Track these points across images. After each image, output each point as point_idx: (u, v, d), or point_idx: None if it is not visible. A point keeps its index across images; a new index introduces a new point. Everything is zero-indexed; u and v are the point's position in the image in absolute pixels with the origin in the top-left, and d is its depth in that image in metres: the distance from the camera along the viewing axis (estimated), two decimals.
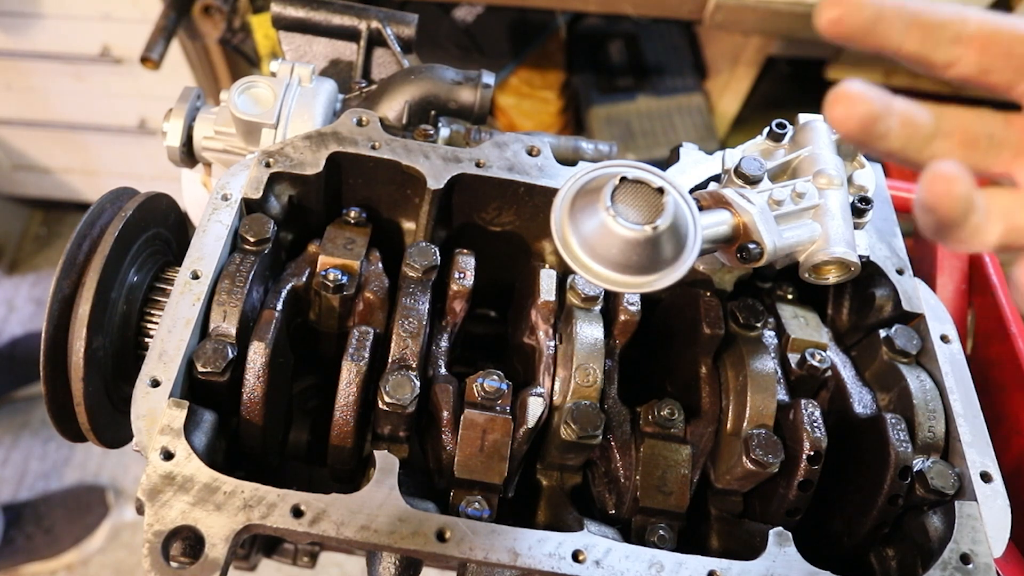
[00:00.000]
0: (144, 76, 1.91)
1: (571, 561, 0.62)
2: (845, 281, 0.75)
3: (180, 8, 1.70)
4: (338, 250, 0.80)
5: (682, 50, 2.43)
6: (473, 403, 0.72)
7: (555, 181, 0.82)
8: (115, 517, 2.30)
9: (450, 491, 0.70)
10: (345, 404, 0.71)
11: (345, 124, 0.83)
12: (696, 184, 0.80)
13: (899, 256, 0.83)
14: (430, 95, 0.94)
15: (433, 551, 0.61)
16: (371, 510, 0.62)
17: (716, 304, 0.79)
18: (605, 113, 2.29)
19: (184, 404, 0.64)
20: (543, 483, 0.77)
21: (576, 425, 0.70)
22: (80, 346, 0.70)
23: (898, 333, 0.78)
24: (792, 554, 0.65)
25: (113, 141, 2.35)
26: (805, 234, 0.72)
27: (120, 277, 0.75)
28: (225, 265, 0.73)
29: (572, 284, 0.79)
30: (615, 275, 0.59)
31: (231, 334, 0.70)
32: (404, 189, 0.85)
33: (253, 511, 0.60)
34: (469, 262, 0.82)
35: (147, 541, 0.58)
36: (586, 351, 0.74)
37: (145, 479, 0.61)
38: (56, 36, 2.01)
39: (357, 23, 1.03)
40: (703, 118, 2.30)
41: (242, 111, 0.86)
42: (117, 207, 0.77)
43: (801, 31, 1.74)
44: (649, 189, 0.60)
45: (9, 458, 2.43)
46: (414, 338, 0.73)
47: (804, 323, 0.83)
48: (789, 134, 0.79)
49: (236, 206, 0.76)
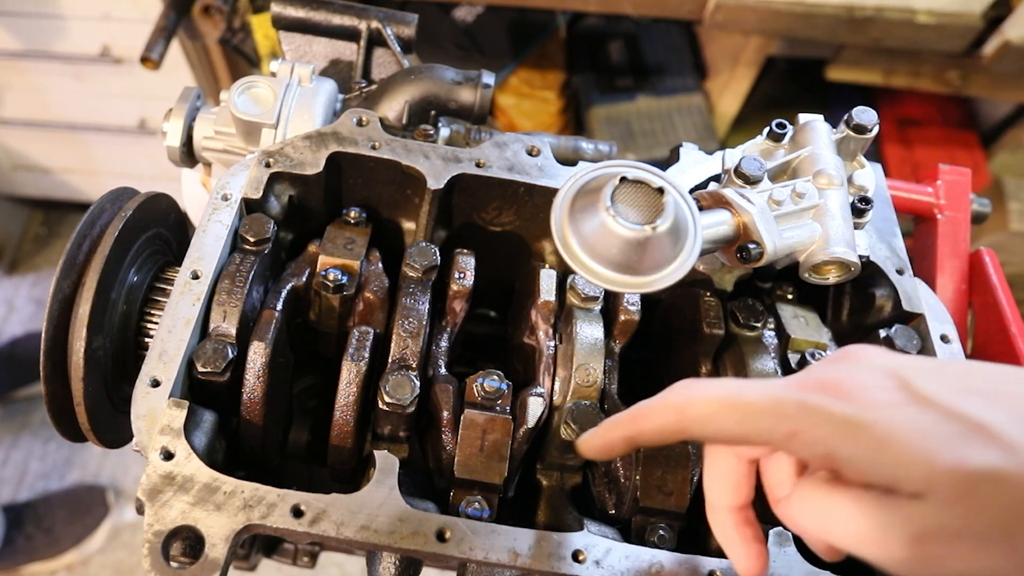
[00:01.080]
0: (144, 76, 1.91)
1: (571, 561, 0.62)
2: (845, 281, 0.75)
3: (180, 8, 1.70)
4: (338, 250, 0.80)
5: (682, 50, 2.42)
6: (473, 403, 0.72)
7: (555, 181, 0.82)
8: (115, 517, 2.30)
9: (450, 491, 0.70)
10: (345, 404, 0.71)
11: (345, 124, 0.83)
12: (696, 184, 0.80)
13: (899, 256, 0.83)
14: (430, 95, 0.94)
15: (433, 551, 0.61)
16: (371, 510, 0.62)
17: (716, 304, 0.79)
18: (605, 113, 2.29)
19: (184, 404, 0.64)
20: (543, 483, 0.77)
21: (576, 425, 0.70)
22: (80, 346, 0.70)
23: (898, 333, 0.78)
24: (792, 554, 0.65)
25: (113, 141, 2.35)
26: (805, 234, 0.72)
27: (120, 277, 0.75)
28: (225, 265, 0.73)
29: (572, 284, 0.79)
30: (615, 275, 0.59)
31: (231, 334, 0.70)
32: (404, 189, 0.85)
33: (253, 511, 0.60)
34: (469, 262, 0.82)
35: (147, 541, 0.58)
36: (586, 351, 0.74)
37: (145, 479, 0.61)
38: (56, 36, 2.01)
39: (357, 23, 1.03)
40: (703, 118, 2.30)
41: (242, 111, 0.86)
42: (117, 207, 0.77)
43: (801, 31, 1.74)
44: (649, 189, 0.60)
45: (9, 458, 2.43)
46: (414, 338, 0.73)
47: (804, 323, 0.83)
48: (789, 134, 0.79)
49: (236, 206, 0.76)
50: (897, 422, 0.43)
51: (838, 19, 1.70)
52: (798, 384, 0.48)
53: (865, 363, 0.48)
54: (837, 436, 0.45)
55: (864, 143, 0.78)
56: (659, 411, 0.54)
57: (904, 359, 0.48)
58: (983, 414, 0.42)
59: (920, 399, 0.44)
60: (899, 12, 1.67)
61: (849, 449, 0.44)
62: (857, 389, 0.46)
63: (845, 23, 1.70)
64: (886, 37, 1.73)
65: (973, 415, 0.42)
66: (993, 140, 2.34)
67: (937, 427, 0.42)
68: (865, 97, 2.25)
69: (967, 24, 1.69)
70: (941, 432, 0.42)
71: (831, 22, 1.70)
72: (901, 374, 0.46)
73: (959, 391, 0.44)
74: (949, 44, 1.74)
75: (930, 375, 0.45)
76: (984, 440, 0.41)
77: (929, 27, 1.69)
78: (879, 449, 0.43)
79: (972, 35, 1.71)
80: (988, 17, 1.68)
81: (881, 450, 0.43)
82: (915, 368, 0.46)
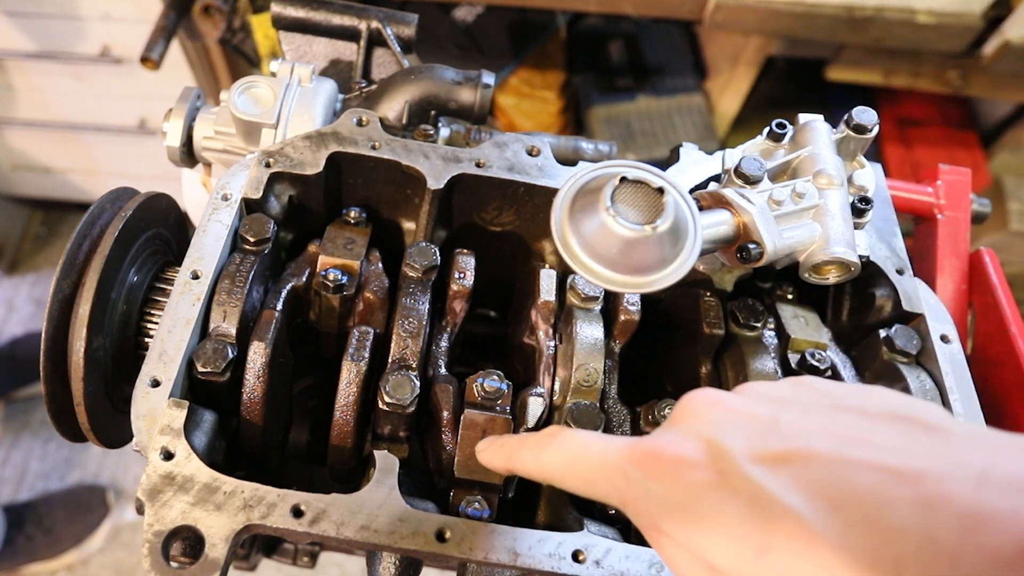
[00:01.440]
0: (144, 76, 1.91)
1: (571, 561, 0.62)
2: (845, 281, 0.75)
3: (180, 8, 1.69)
4: (338, 250, 0.80)
5: (682, 50, 2.42)
6: (473, 403, 0.72)
7: (555, 181, 0.82)
8: (115, 517, 2.30)
9: (450, 491, 0.70)
10: (345, 404, 0.71)
11: (345, 124, 0.83)
12: (696, 184, 0.80)
13: (899, 256, 0.83)
14: (430, 95, 0.94)
15: (433, 551, 0.61)
16: (371, 510, 0.62)
17: (716, 304, 0.79)
18: (605, 113, 2.29)
19: (184, 404, 0.64)
20: (543, 483, 0.77)
21: (576, 425, 0.70)
22: (80, 346, 0.70)
23: (898, 333, 0.78)
24: None
25: (113, 141, 2.35)
26: (805, 234, 0.72)
27: (120, 277, 0.75)
28: (225, 265, 0.73)
29: (572, 284, 0.79)
30: (615, 275, 0.59)
31: (231, 334, 0.70)
32: (404, 189, 0.85)
33: (253, 511, 0.60)
34: (469, 262, 0.82)
35: (147, 541, 0.58)
36: (586, 351, 0.74)
37: (145, 479, 0.61)
38: (56, 36, 2.01)
39: (357, 23, 1.03)
40: (703, 118, 2.30)
41: (242, 111, 0.86)
42: (117, 207, 0.77)
43: (801, 31, 1.74)
44: (649, 189, 0.60)
45: (9, 458, 2.43)
46: (414, 338, 0.73)
47: (804, 323, 0.83)
48: (789, 134, 0.79)
49: (236, 206, 0.76)
50: (707, 510, 0.44)
51: (838, 19, 1.70)
52: (629, 454, 0.49)
53: (689, 427, 0.49)
54: (657, 513, 0.46)
55: (864, 143, 0.78)
56: (522, 458, 0.58)
57: (723, 414, 0.48)
58: (786, 497, 0.42)
59: (729, 480, 0.44)
60: (899, 12, 1.68)
61: (669, 526, 0.46)
62: (673, 467, 0.46)
63: (845, 23, 1.70)
64: (886, 37, 1.73)
65: (777, 498, 0.42)
66: (993, 140, 2.34)
67: (741, 517, 0.43)
68: (865, 97, 2.26)
69: (967, 24, 1.69)
70: (743, 526, 0.42)
71: (831, 22, 1.70)
72: (716, 442, 0.46)
73: (771, 460, 0.44)
74: (949, 44, 1.74)
75: (745, 438, 0.45)
76: (790, 531, 0.41)
77: (929, 27, 1.69)
78: (692, 533, 0.44)
79: (972, 35, 1.71)
80: (988, 17, 1.68)
81: (694, 534, 0.44)
82: (729, 430, 0.46)
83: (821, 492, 0.41)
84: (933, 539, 0.37)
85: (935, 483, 0.39)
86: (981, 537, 0.36)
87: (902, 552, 0.38)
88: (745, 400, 0.49)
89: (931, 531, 0.37)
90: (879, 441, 0.43)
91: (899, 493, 0.39)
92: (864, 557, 0.39)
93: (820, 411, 0.46)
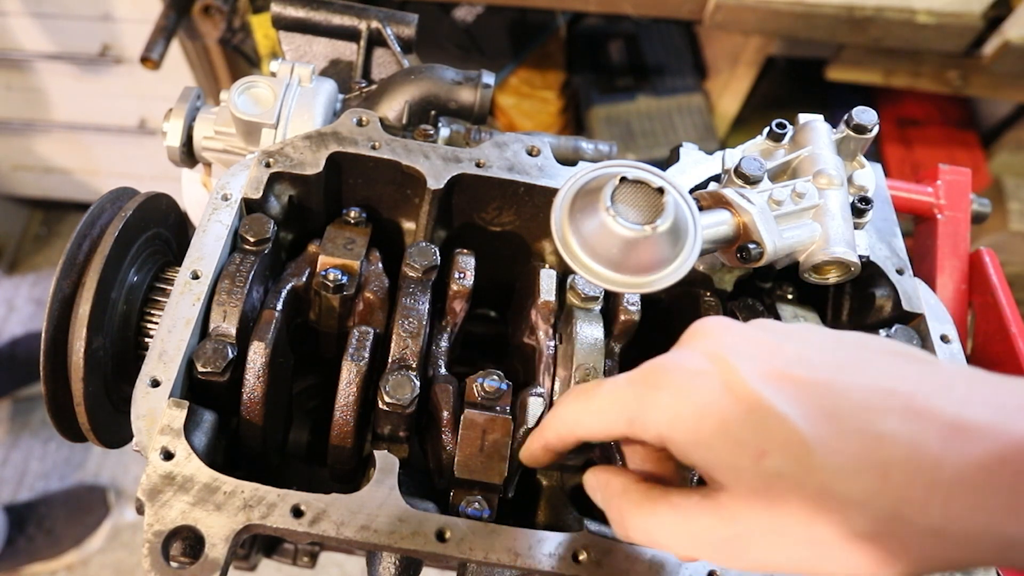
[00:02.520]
0: (144, 76, 1.91)
1: (571, 561, 0.62)
2: (845, 281, 0.75)
3: (180, 8, 1.70)
4: (338, 250, 0.80)
5: (682, 50, 2.42)
6: (473, 403, 0.72)
7: (555, 181, 0.82)
8: (115, 517, 2.30)
9: (450, 491, 0.70)
10: (345, 404, 0.71)
11: (345, 124, 0.83)
12: (696, 184, 0.80)
13: (899, 256, 0.83)
14: (430, 95, 0.94)
15: (433, 551, 0.61)
16: (371, 510, 0.62)
17: (716, 304, 0.79)
18: (605, 113, 2.29)
19: (184, 404, 0.64)
20: (543, 483, 0.77)
21: None
22: (80, 346, 0.70)
23: (898, 333, 0.78)
24: None
25: (113, 141, 2.35)
26: (805, 234, 0.72)
27: (120, 277, 0.75)
28: (225, 265, 0.73)
29: (572, 284, 0.79)
30: (615, 275, 0.59)
31: (231, 334, 0.70)
32: (404, 189, 0.85)
33: (253, 511, 0.60)
34: (469, 262, 0.82)
35: (147, 541, 0.58)
36: (586, 351, 0.74)
37: (145, 479, 0.61)
38: (56, 36, 2.01)
39: (357, 23, 1.03)
40: (703, 118, 2.30)
41: (242, 111, 0.86)
42: (117, 207, 0.77)
43: (801, 31, 1.74)
44: (649, 189, 0.60)
45: (9, 458, 2.43)
46: (414, 338, 0.73)
47: (804, 323, 0.83)
48: (789, 134, 0.79)
49: (236, 206, 0.76)
50: (709, 415, 0.47)
51: (838, 19, 1.70)
52: (638, 372, 0.53)
53: (699, 346, 0.52)
54: (663, 423, 0.49)
55: (864, 143, 0.78)
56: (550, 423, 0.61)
57: (733, 338, 0.51)
58: (783, 407, 0.45)
59: (733, 390, 0.47)
60: (899, 12, 1.68)
61: (673, 435, 0.49)
62: (682, 379, 0.50)
63: (845, 23, 1.70)
64: (886, 37, 1.73)
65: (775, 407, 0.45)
66: (993, 140, 2.34)
67: (742, 423, 0.46)
68: (865, 97, 2.26)
69: (967, 24, 1.69)
70: (743, 431, 0.45)
71: (831, 22, 1.71)
72: (724, 358, 0.49)
73: (773, 378, 0.47)
74: (949, 44, 1.74)
75: (751, 360, 0.48)
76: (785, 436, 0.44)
77: (929, 27, 1.69)
78: (695, 441, 0.48)
79: (972, 35, 1.71)
80: (988, 17, 1.68)
81: (696, 442, 0.48)
82: (738, 352, 0.49)
83: (817, 404, 0.45)
84: (918, 445, 0.41)
85: (923, 398, 0.42)
86: (963, 444, 0.40)
87: (889, 456, 0.41)
88: (754, 329, 0.52)
89: (917, 438, 0.41)
90: (874, 366, 0.46)
91: (889, 404, 0.43)
92: (852, 462, 0.42)
93: (823, 343, 0.49)
